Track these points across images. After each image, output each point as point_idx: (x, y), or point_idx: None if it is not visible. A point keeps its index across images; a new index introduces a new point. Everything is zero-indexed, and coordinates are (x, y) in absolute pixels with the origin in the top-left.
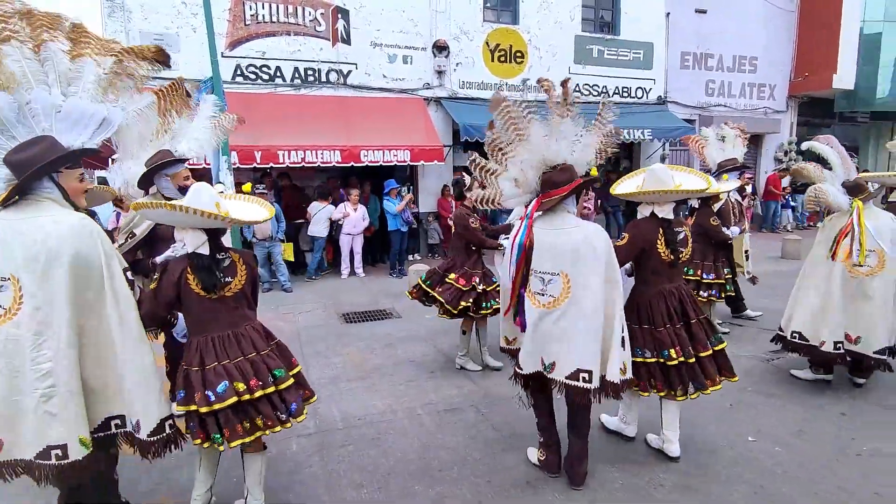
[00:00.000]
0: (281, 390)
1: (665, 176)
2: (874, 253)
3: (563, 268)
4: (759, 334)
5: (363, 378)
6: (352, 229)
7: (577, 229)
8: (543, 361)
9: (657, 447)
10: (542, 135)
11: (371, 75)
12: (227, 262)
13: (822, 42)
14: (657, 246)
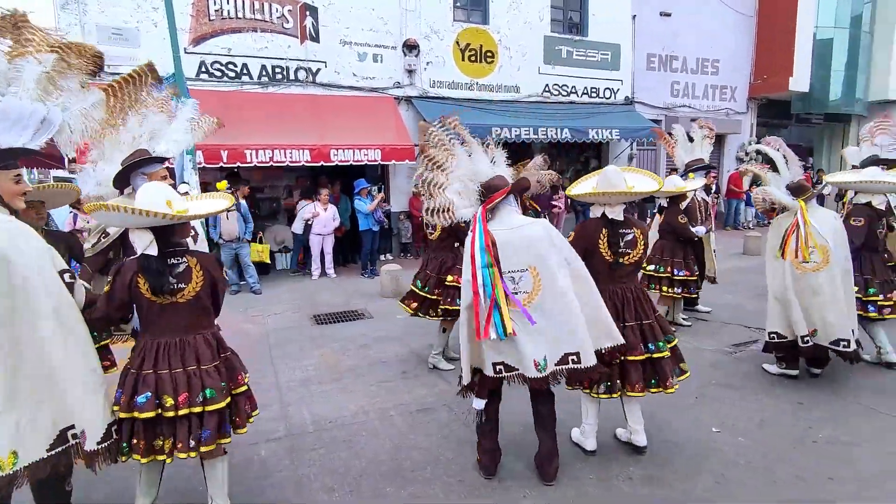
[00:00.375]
0: (205, 412)
1: (616, 178)
2: (818, 250)
3: (529, 262)
4: (720, 328)
5: (335, 380)
6: (322, 229)
7: (530, 225)
8: (537, 362)
9: (625, 440)
10: (467, 154)
11: (341, 74)
12: (182, 268)
13: (778, 46)
14: (599, 246)
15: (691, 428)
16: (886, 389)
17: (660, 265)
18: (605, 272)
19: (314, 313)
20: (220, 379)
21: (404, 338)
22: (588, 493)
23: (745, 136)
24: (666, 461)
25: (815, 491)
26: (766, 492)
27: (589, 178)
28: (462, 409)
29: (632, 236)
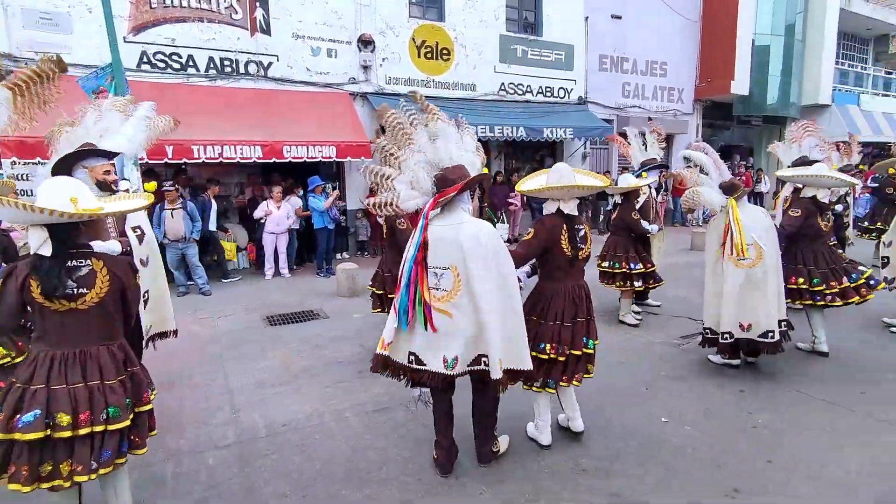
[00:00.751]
0: (106, 432)
1: (568, 174)
2: (752, 246)
3: (453, 262)
4: (669, 321)
5: (289, 382)
6: (275, 228)
7: (466, 224)
8: (446, 359)
9: (564, 425)
10: (428, 138)
11: (293, 68)
12: (85, 271)
13: (721, 51)
14: (561, 242)
15: (642, 419)
16: (818, 376)
17: (614, 261)
18: (565, 267)
19: (267, 314)
20: (125, 396)
21: (360, 337)
22: (543, 487)
23: (692, 136)
24: (618, 452)
25: (755, 474)
26: (711, 478)
27: (538, 175)
28: (418, 407)
29: (583, 231)
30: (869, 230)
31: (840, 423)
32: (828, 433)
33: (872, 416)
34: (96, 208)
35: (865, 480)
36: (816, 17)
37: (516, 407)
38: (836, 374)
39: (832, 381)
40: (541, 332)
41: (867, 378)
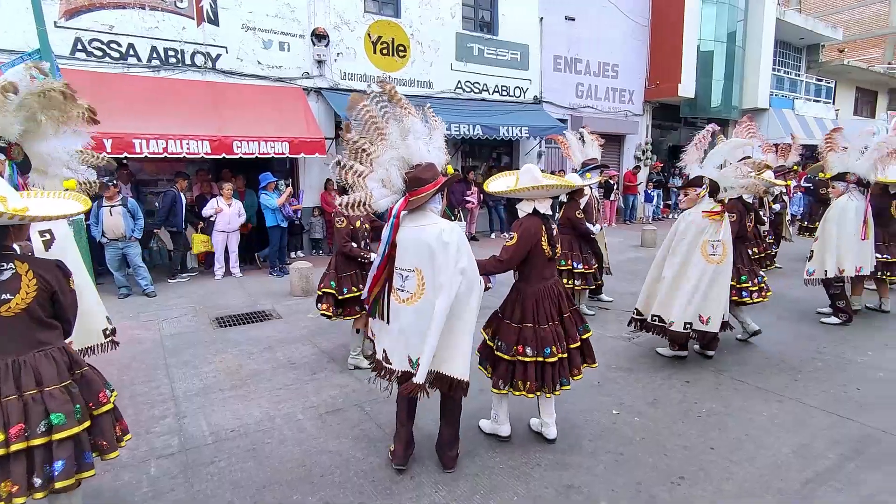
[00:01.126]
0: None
1: (539, 173)
2: (720, 243)
3: (418, 264)
4: (620, 316)
5: (238, 386)
6: (226, 226)
7: (434, 226)
8: (410, 359)
9: (537, 430)
10: (400, 134)
11: (244, 61)
12: (7, 275)
13: (669, 55)
14: (542, 242)
15: (594, 411)
16: (755, 366)
17: (560, 259)
18: (543, 267)
19: (217, 316)
20: (73, 401)
21: (314, 338)
22: (499, 482)
23: (642, 136)
24: (571, 445)
25: (699, 458)
26: (658, 464)
27: (505, 176)
28: (374, 407)
29: (555, 230)
30: (809, 229)
31: (774, 409)
32: (764, 419)
33: (802, 402)
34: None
35: (796, 462)
36: (755, 26)
37: (471, 406)
38: (771, 364)
39: (768, 371)
40: (541, 336)
41: (798, 367)
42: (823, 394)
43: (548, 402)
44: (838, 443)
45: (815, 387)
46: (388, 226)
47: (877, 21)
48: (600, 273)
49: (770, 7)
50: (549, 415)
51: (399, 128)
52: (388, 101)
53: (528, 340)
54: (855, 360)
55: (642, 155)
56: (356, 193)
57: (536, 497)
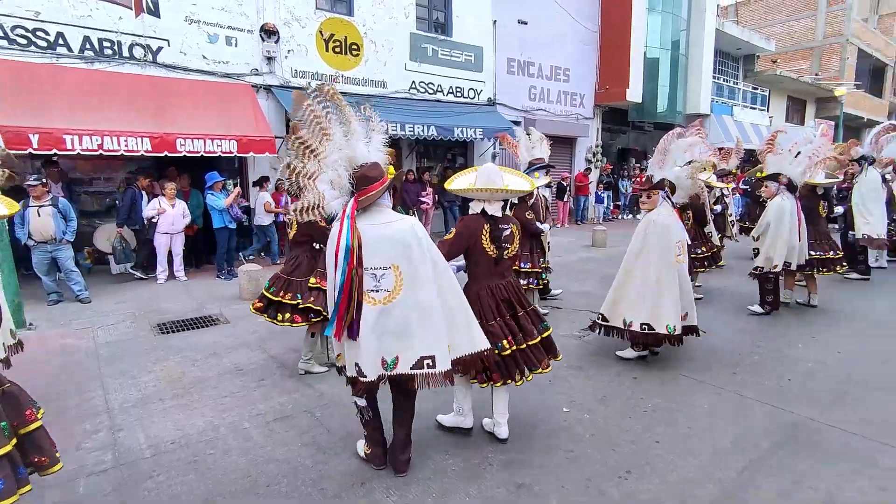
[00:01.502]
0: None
1: (496, 176)
2: (680, 243)
3: (393, 260)
4: (571, 315)
5: (180, 395)
6: (169, 228)
7: (401, 221)
8: (385, 361)
9: (489, 430)
10: (343, 134)
11: (188, 55)
12: None
13: (617, 61)
14: (482, 241)
15: (545, 409)
16: (699, 360)
17: None
18: (491, 267)
19: (158, 321)
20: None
21: (264, 343)
22: (451, 484)
23: (593, 139)
24: (523, 443)
25: (645, 452)
26: (607, 459)
27: (466, 174)
28: (324, 413)
29: (509, 231)
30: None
31: (715, 401)
32: (706, 411)
33: (740, 394)
34: None
35: (734, 452)
36: (697, 35)
37: (430, 404)
38: (713, 358)
39: (710, 365)
40: (492, 333)
41: (737, 360)
42: (759, 385)
43: (501, 401)
44: (771, 431)
45: (752, 379)
46: (346, 229)
47: (805, 35)
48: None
49: (710, 18)
50: (501, 414)
51: (342, 128)
52: (329, 102)
53: None
54: (787, 352)
55: (593, 157)
56: (309, 196)
57: (488, 498)
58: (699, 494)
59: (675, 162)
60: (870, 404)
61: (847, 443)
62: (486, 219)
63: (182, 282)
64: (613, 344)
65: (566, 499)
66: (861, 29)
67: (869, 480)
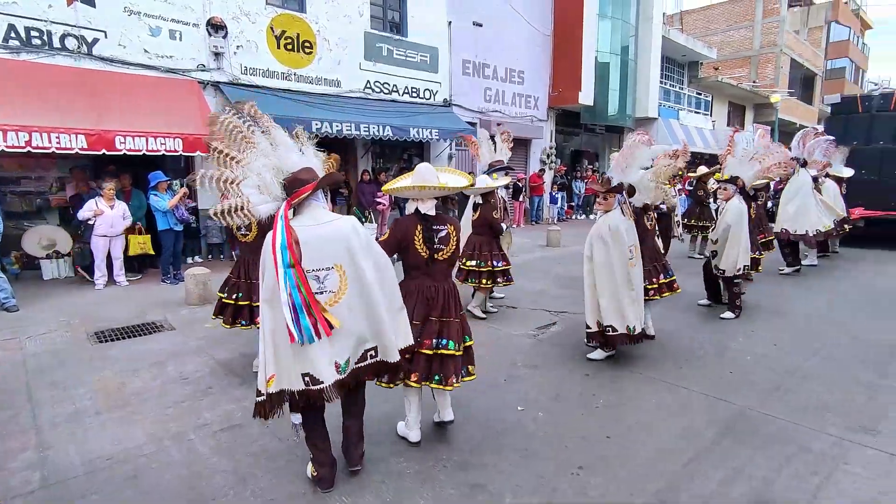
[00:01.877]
0: None
1: (429, 175)
2: (634, 246)
3: (335, 260)
4: (526, 314)
5: (118, 407)
6: (108, 230)
7: (340, 220)
8: (338, 364)
9: (437, 420)
10: (269, 143)
11: (127, 48)
12: None
13: (570, 64)
14: (415, 242)
15: (500, 408)
16: (648, 357)
17: (480, 260)
18: (423, 268)
19: (96, 330)
20: None
21: (211, 349)
22: (405, 487)
23: (547, 141)
24: (478, 444)
25: (596, 448)
26: (559, 456)
27: (406, 177)
28: (275, 420)
29: (445, 232)
30: (689, 226)
31: (663, 396)
32: (654, 406)
33: (686, 388)
34: None
35: (680, 444)
36: (645, 41)
37: (383, 408)
38: (661, 354)
39: (659, 361)
40: None
41: (684, 356)
42: (704, 379)
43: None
44: (715, 422)
45: (697, 373)
46: (280, 231)
47: (743, 44)
48: None
49: (657, 25)
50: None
51: (267, 138)
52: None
53: None
54: (729, 346)
55: (547, 158)
56: (232, 200)
57: (442, 500)
58: (647, 487)
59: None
60: (802, 393)
61: (783, 430)
62: (420, 219)
63: (123, 287)
64: (567, 343)
65: (519, 497)
66: (793, 40)
67: (802, 465)
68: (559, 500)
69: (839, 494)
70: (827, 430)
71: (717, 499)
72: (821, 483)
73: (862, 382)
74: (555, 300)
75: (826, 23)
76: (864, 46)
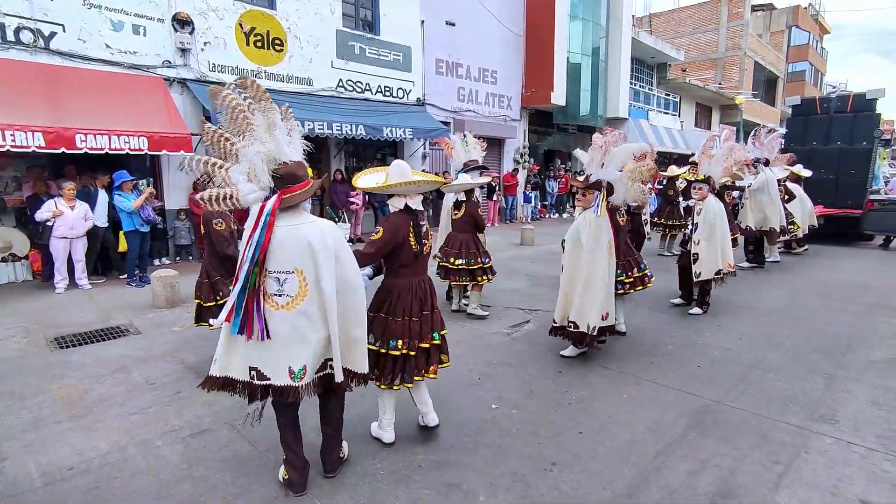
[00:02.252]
0: None
1: (407, 170)
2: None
3: (296, 264)
4: (503, 312)
5: (80, 416)
6: (68, 232)
7: (312, 224)
8: (292, 370)
9: (421, 424)
10: (266, 127)
11: (87, 43)
12: None
13: (542, 64)
14: (409, 238)
15: (474, 406)
16: (618, 352)
17: (470, 258)
18: (411, 264)
19: (56, 335)
20: None
21: (179, 353)
22: (380, 488)
23: (520, 140)
24: (452, 442)
25: (569, 443)
26: (533, 453)
27: (373, 172)
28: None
29: (425, 227)
30: (659, 224)
31: (633, 390)
32: (625, 400)
33: (656, 382)
34: None
35: (650, 437)
36: (615, 43)
37: (357, 410)
38: (631, 350)
39: (629, 356)
40: (390, 328)
41: (653, 350)
42: (672, 373)
43: (420, 392)
44: (683, 415)
45: (666, 367)
46: (261, 226)
47: (709, 47)
48: None
49: (626, 27)
50: (424, 403)
51: (265, 119)
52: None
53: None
54: (697, 341)
55: (521, 158)
56: (222, 188)
57: (417, 500)
58: (617, 479)
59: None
60: (765, 385)
61: (747, 421)
62: (410, 214)
63: (85, 290)
64: (540, 340)
65: (494, 495)
66: (756, 44)
67: (765, 455)
68: (533, 495)
69: (800, 482)
70: (789, 420)
71: (685, 489)
72: (783, 471)
73: (821, 373)
74: (528, 298)
75: (787, 27)
76: (822, 50)
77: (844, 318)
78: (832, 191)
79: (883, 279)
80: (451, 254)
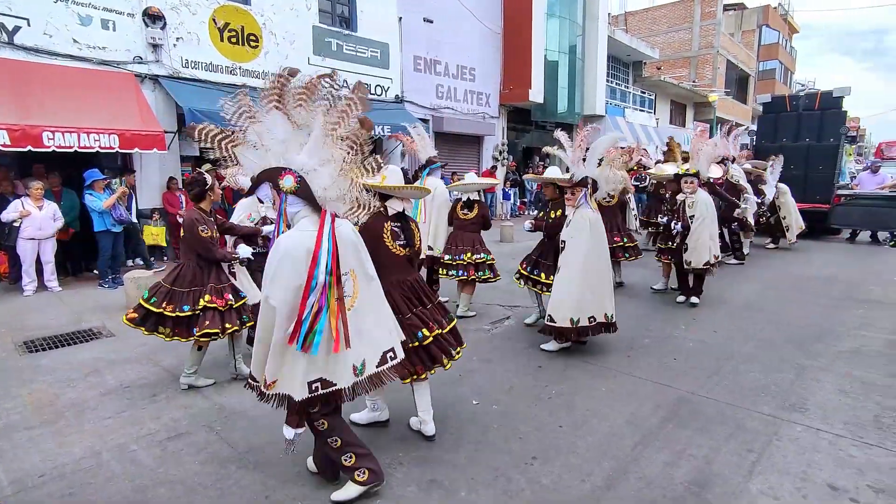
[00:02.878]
0: None
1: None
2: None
3: (351, 264)
4: (484, 309)
5: (52, 421)
6: (36, 232)
7: (344, 224)
8: (355, 367)
9: (416, 429)
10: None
11: (54, 37)
12: None
13: (520, 62)
14: (384, 240)
15: (455, 403)
16: (598, 346)
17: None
18: (395, 264)
19: (25, 339)
20: None
21: (155, 355)
22: None
23: (499, 137)
24: (435, 439)
25: (549, 437)
26: (513, 448)
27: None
28: (225, 426)
29: (411, 229)
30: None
31: (612, 384)
32: (604, 394)
33: (633, 375)
34: None
35: (628, 429)
36: (591, 41)
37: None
38: (610, 344)
39: (608, 350)
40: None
41: (631, 344)
42: (649, 366)
43: (423, 397)
44: (660, 407)
45: (644, 360)
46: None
47: (683, 45)
48: None
49: (602, 26)
50: (425, 411)
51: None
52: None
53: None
54: (673, 334)
55: (499, 155)
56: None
57: (399, 497)
58: (596, 471)
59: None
60: (738, 376)
61: (721, 412)
62: (386, 218)
63: (55, 293)
64: (520, 336)
65: (475, 490)
66: (728, 42)
67: (739, 444)
68: (514, 490)
69: (772, 469)
70: (761, 410)
71: (662, 480)
72: (756, 459)
73: (792, 364)
74: (508, 295)
75: (758, 26)
76: (791, 49)
77: (814, 310)
78: (801, 186)
79: (850, 272)
80: (465, 251)
